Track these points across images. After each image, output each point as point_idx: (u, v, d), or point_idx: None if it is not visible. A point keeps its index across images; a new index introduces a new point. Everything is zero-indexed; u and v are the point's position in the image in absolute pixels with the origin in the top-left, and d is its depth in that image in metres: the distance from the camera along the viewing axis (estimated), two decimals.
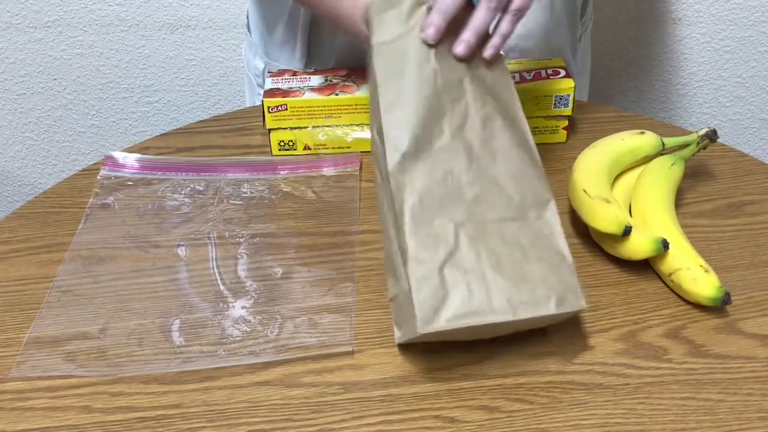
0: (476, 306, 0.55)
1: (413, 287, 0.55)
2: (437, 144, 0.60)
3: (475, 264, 0.56)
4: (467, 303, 0.55)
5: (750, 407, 0.57)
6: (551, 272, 0.57)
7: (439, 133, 0.61)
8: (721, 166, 0.82)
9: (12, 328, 0.64)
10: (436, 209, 0.58)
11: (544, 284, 0.56)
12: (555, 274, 0.57)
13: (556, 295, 0.56)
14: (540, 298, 0.56)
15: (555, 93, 0.81)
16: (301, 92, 0.81)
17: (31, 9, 1.23)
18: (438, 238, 0.57)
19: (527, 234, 0.59)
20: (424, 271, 0.55)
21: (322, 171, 0.82)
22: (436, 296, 0.54)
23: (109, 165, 0.81)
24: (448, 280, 0.55)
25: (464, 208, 0.58)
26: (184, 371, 0.60)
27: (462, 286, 0.55)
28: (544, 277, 0.57)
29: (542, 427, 0.56)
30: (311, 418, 0.57)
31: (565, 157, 0.83)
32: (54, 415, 0.57)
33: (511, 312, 0.55)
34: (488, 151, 0.61)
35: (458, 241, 0.57)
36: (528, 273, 0.57)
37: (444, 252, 0.56)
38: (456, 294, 0.55)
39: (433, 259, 0.56)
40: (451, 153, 0.60)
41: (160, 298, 0.67)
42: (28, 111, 1.34)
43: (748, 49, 1.32)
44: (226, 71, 1.31)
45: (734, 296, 0.65)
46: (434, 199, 0.58)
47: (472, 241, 0.57)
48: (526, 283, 0.56)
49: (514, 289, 0.56)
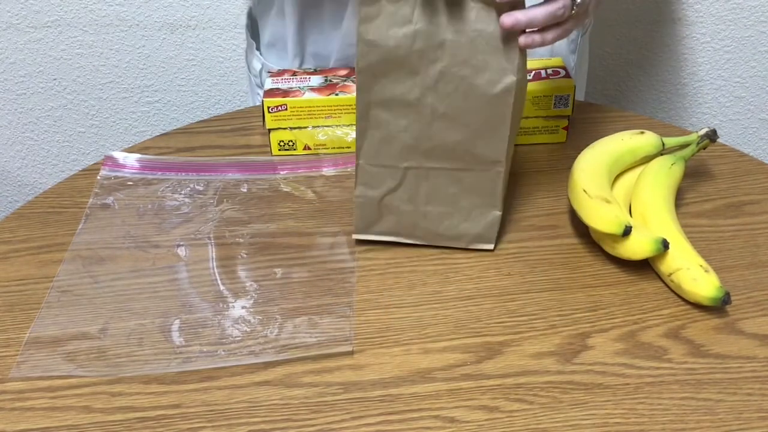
0: (402, 229, 0.71)
1: (357, 204, 0.69)
2: (408, 97, 0.64)
3: (411, 196, 0.69)
4: (395, 225, 0.70)
5: (750, 407, 0.57)
6: (477, 215, 0.70)
7: (411, 87, 0.64)
8: (721, 166, 0.82)
9: (12, 328, 0.64)
10: (392, 152, 0.67)
11: (465, 224, 0.70)
12: (481, 218, 0.70)
13: (472, 235, 0.71)
14: (458, 234, 0.71)
15: (555, 93, 0.81)
16: (301, 92, 0.81)
17: (31, 9, 1.23)
18: (386, 175, 0.68)
19: (470, 179, 0.68)
20: (368, 198, 0.69)
21: (322, 171, 0.82)
22: (372, 217, 0.70)
23: (109, 165, 0.81)
24: (385, 208, 0.69)
25: (417, 157, 0.67)
26: (184, 371, 0.60)
27: (394, 214, 0.70)
28: (468, 216, 0.70)
29: (542, 427, 0.56)
30: (311, 418, 0.57)
31: (565, 157, 0.83)
32: (54, 415, 0.57)
33: (431, 241, 0.71)
34: (453, 110, 0.65)
35: (403, 179, 0.68)
36: (455, 211, 0.69)
37: (388, 187, 0.69)
38: (387, 219, 0.70)
39: (379, 189, 0.69)
40: (418, 108, 0.65)
41: (160, 298, 0.67)
42: (28, 111, 1.34)
43: (748, 49, 1.32)
44: (226, 71, 1.31)
45: (734, 296, 0.65)
46: (392, 144, 0.66)
47: (416, 180, 0.68)
48: (450, 219, 0.70)
49: (437, 221, 0.70)
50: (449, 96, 0.64)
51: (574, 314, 0.65)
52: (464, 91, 0.64)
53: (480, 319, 0.65)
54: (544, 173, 0.81)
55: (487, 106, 0.64)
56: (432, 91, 0.64)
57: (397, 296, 0.67)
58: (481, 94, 0.64)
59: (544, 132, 0.84)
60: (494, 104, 0.64)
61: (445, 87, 0.63)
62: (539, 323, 0.64)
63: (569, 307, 0.66)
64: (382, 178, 0.68)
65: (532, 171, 0.81)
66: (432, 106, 0.64)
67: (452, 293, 0.67)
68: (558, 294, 0.67)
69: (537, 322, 0.64)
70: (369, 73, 0.63)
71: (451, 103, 0.64)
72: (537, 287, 0.68)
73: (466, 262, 0.70)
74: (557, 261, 0.70)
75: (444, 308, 0.66)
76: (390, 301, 0.66)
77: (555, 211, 0.76)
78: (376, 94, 0.64)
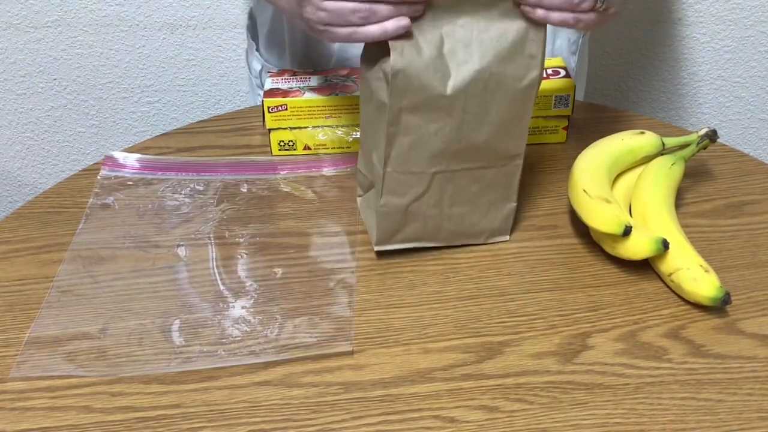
0: (425, 234, 0.71)
1: (380, 214, 0.68)
2: (440, 100, 0.63)
3: (437, 201, 0.69)
4: (418, 231, 0.70)
5: (750, 407, 0.57)
6: (495, 210, 0.71)
7: (443, 89, 0.63)
8: (721, 166, 0.82)
9: (12, 328, 0.64)
10: (422, 157, 0.66)
11: (485, 219, 0.71)
12: (498, 213, 0.71)
13: (489, 230, 0.72)
14: (477, 232, 0.72)
15: (555, 93, 0.81)
16: (301, 92, 0.81)
17: (31, 9, 1.23)
18: (414, 182, 0.67)
19: (490, 175, 0.69)
20: (394, 207, 0.68)
21: (322, 171, 0.82)
22: (396, 225, 0.69)
23: (109, 165, 0.81)
24: (410, 215, 0.69)
25: (446, 161, 0.67)
26: (184, 371, 0.60)
27: (419, 220, 0.69)
28: (487, 212, 0.71)
29: (542, 427, 0.56)
30: (311, 418, 0.57)
31: (565, 157, 0.83)
32: (54, 415, 0.57)
33: (452, 241, 0.72)
34: (481, 109, 0.65)
35: (431, 184, 0.68)
36: (476, 209, 0.70)
37: (416, 193, 0.68)
38: (411, 226, 0.69)
39: (405, 196, 0.68)
40: (449, 110, 0.64)
41: (160, 298, 0.67)
42: (28, 111, 1.34)
43: (748, 49, 1.32)
44: (226, 71, 1.31)
45: (734, 296, 0.65)
46: (422, 150, 0.65)
47: (442, 183, 0.68)
48: (471, 218, 0.71)
49: (460, 221, 0.71)
50: (478, 95, 0.64)
51: (574, 314, 0.65)
52: (492, 89, 0.64)
53: (480, 319, 0.65)
54: (544, 173, 0.81)
55: (514, 102, 0.65)
56: (463, 92, 0.63)
57: (397, 296, 0.67)
58: (507, 90, 0.64)
59: (544, 132, 0.84)
60: (520, 99, 0.65)
61: (476, 86, 0.63)
62: (539, 323, 0.64)
63: (569, 307, 0.66)
64: (410, 185, 0.67)
65: (532, 171, 0.81)
66: (463, 107, 0.64)
67: (452, 293, 0.67)
68: (558, 294, 0.67)
69: (537, 322, 0.64)
70: (403, 77, 0.61)
71: (480, 102, 0.64)
72: (537, 287, 0.68)
73: (466, 262, 0.70)
74: (557, 261, 0.70)
75: (444, 308, 0.66)
76: (390, 301, 0.66)
77: (555, 211, 0.76)
78: (409, 99, 0.62)
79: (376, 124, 0.66)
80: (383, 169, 0.66)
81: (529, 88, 0.65)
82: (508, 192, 0.71)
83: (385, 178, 0.66)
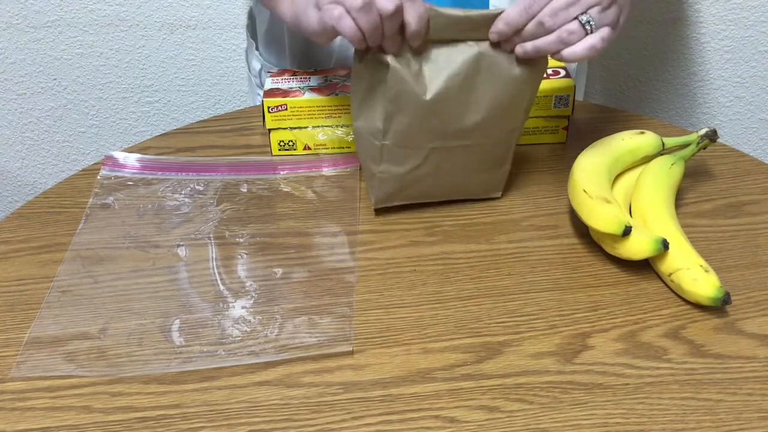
0: (421, 195, 0.75)
1: (379, 179, 0.72)
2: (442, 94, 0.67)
3: (434, 170, 0.72)
4: (415, 193, 0.74)
5: (750, 407, 0.57)
6: (490, 174, 0.75)
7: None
8: (721, 166, 0.82)
9: (12, 328, 0.64)
10: (420, 135, 0.69)
11: (479, 182, 0.75)
12: (490, 173, 0.75)
13: (483, 188, 0.76)
14: (472, 191, 0.76)
15: (555, 93, 0.81)
16: (301, 92, 0.81)
17: (31, 9, 1.23)
18: (410, 155, 0.70)
19: (487, 148, 0.72)
20: (392, 174, 0.71)
21: (322, 171, 0.82)
22: (395, 189, 0.73)
23: (109, 165, 0.81)
24: (407, 181, 0.72)
25: (443, 139, 0.70)
26: (184, 371, 0.60)
27: (415, 184, 0.73)
28: (482, 176, 0.75)
29: (542, 427, 0.56)
30: (311, 418, 0.57)
31: (565, 157, 0.83)
32: (54, 415, 0.57)
33: (446, 198, 0.76)
34: (482, 93, 0.68)
35: (428, 157, 0.71)
36: (471, 174, 0.74)
37: (413, 164, 0.71)
38: (409, 189, 0.73)
39: (403, 166, 0.71)
40: (449, 101, 0.67)
41: (160, 298, 0.67)
42: (28, 111, 1.34)
43: (748, 49, 1.32)
44: (226, 71, 1.31)
45: (734, 296, 0.65)
46: (421, 128, 0.68)
47: (439, 156, 0.71)
48: (466, 181, 0.74)
49: (455, 184, 0.74)
50: (471, 77, 0.66)
51: (574, 314, 0.65)
52: (485, 69, 0.66)
53: (480, 319, 0.65)
54: (544, 173, 0.81)
55: (512, 84, 0.68)
56: (461, 71, 0.66)
57: (397, 296, 0.67)
58: (506, 74, 0.67)
59: (544, 132, 0.84)
60: (519, 82, 0.68)
61: (471, 66, 0.66)
62: (539, 323, 0.64)
63: (569, 307, 0.66)
64: (407, 157, 0.71)
65: (532, 171, 0.81)
66: (459, 89, 0.67)
67: (452, 293, 0.67)
68: (558, 294, 0.67)
69: (537, 322, 0.64)
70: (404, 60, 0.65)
71: (481, 85, 0.67)
72: (537, 287, 0.68)
73: (466, 262, 0.70)
74: (557, 261, 0.70)
75: (444, 308, 0.66)
76: (390, 301, 0.66)
77: (555, 211, 0.76)
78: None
79: (372, 98, 0.68)
80: (381, 141, 0.69)
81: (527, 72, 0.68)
82: (504, 158, 0.75)
83: (384, 150, 0.70)
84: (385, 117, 0.67)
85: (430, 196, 0.76)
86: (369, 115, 0.70)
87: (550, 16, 0.62)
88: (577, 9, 0.62)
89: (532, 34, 0.64)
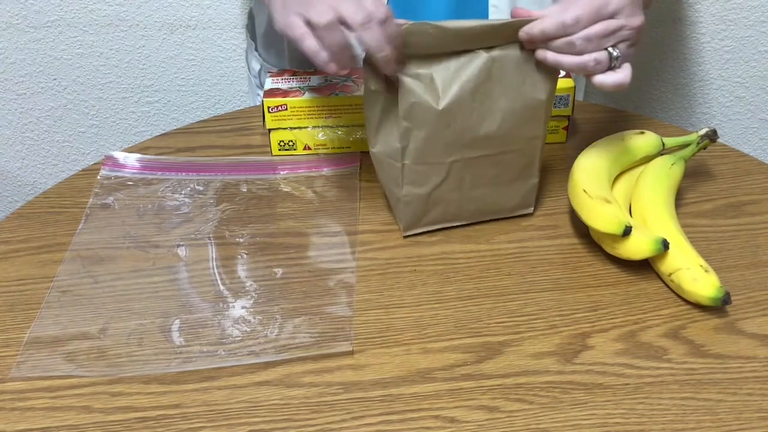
0: (449, 216, 0.73)
1: (404, 203, 0.71)
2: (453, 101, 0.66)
3: (457, 186, 0.71)
4: (442, 214, 0.73)
5: (750, 407, 0.57)
6: (517, 188, 0.73)
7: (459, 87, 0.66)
8: (721, 166, 0.82)
9: (12, 328, 0.64)
10: (437, 149, 0.68)
11: (506, 197, 0.74)
12: (520, 189, 0.74)
13: (512, 206, 0.74)
14: (501, 208, 0.74)
15: (555, 93, 0.81)
16: (301, 92, 0.81)
17: (31, 9, 1.23)
18: (431, 172, 0.69)
19: (509, 157, 0.71)
20: (416, 196, 0.70)
21: (322, 171, 0.82)
22: (420, 212, 0.72)
23: (109, 165, 0.81)
24: (432, 201, 0.71)
25: (461, 150, 0.69)
26: (184, 371, 0.60)
27: (441, 204, 0.72)
28: (508, 190, 0.73)
29: (542, 427, 0.56)
30: (311, 418, 0.57)
31: (565, 157, 0.83)
32: (54, 415, 0.57)
33: (476, 218, 0.74)
34: (493, 101, 0.67)
35: (449, 172, 0.70)
36: (497, 189, 0.72)
37: (435, 183, 0.70)
38: (435, 210, 0.72)
39: (426, 185, 0.70)
40: (463, 109, 0.66)
41: (160, 298, 0.67)
42: (28, 111, 1.34)
43: (748, 49, 1.32)
44: (226, 71, 1.31)
45: (734, 296, 0.65)
46: (436, 142, 0.68)
47: (460, 170, 0.70)
48: (492, 197, 0.73)
49: (482, 201, 0.73)
50: (484, 83, 0.66)
51: (574, 314, 0.65)
52: (496, 77, 0.66)
53: (480, 319, 0.65)
54: (544, 173, 0.81)
55: (525, 90, 0.67)
56: (474, 79, 0.65)
57: (397, 296, 0.67)
58: (518, 80, 0.67)
59: None
60: (532, 87, 0.68)
61: (482, 74, 0.65)
62: (539, 323, 0.64)
63: (569, 307, 0.66)
64: (429, 175, 0.70)
65: None
66: (471, 98, 0.66)
67: (452, 293, 0.67)
68: (558, 294, 0.67)
69: (537, 322, 0.64)
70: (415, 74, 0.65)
71: (494, 92, 0.66)
72: (537, 287, 0.68)
73: (466, 262, 0.70)
74: (557, 261, 0.70)
75: (444, 308, 0.66)
76: (390, 301, 0.66)
77: (555, 211, 0.76)
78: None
79: (387, 120, 0.68)
80: (401, 162, 0.68)
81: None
82: (530, 170, 0.73)
83: (404, 170, 0.69)
84: (401, 135, 0.66)
85: (459, 218, 0.74)
86: (386, 139, 0.69)
87: (584, 41, 0.62)
88: (610, 41, 0.63)
89: (559, 49, 0.64)
